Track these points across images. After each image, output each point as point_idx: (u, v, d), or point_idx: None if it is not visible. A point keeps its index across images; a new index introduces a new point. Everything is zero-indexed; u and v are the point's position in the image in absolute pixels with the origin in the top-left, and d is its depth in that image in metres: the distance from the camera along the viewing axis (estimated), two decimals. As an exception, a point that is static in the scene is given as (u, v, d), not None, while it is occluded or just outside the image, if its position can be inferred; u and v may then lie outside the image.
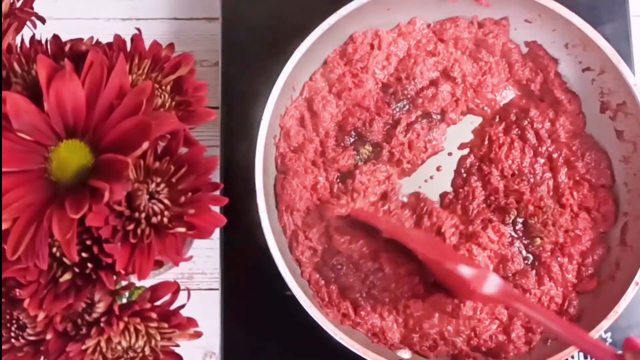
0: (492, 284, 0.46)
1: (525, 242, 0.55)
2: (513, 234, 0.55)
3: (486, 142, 0.57)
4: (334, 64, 0.57)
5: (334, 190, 0.56)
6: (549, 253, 0.55)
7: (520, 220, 0.55)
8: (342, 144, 0.57)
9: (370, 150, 0.57)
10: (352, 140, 0.57)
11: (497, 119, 0.58)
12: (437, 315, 0.53)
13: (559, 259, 0.54)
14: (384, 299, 0.54)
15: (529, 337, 0.53)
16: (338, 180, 0.56)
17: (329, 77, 0.57)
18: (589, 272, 0.55)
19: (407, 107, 0.57)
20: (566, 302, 0.54)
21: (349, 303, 0.54)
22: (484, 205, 0.56)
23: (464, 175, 0.57)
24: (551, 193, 0.56)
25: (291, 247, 0.56)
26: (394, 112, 0.57)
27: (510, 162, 0.56)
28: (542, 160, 0.56)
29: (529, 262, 0.55)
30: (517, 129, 0.57)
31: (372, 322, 0.53)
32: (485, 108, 0.58)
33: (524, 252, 0.55)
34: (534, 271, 0.55)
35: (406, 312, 0.53)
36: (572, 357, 0.55)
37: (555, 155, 0.56)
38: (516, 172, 0.56)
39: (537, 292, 0.54)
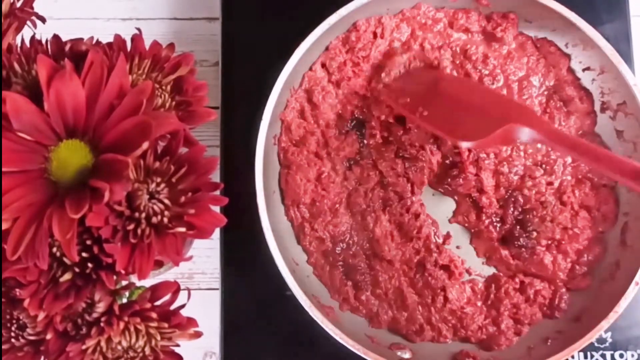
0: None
1: (517, 233, 0.55)
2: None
3: None
4: (335, 52, 0.57)
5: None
6: (544, 248, 0.55)
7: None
8: (343, 131, 0.57)
9: None
10: (352, 125, 0.57)
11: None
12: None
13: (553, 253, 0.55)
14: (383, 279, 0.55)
15: (517, 328, 0.54)
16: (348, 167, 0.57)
17: (330, 65, 0.57)
18: (583, 270, 0.55)
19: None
20: (557, 298, 0.54)
21: (351, 287, 0.55)
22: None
23: None
24: (553, 189, 0.56)
25: (299, 238, 0.57)
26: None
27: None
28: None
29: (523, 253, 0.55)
30: None
31: (369, 307, 0.55)
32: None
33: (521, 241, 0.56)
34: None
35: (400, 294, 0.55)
36: (572, 357, 0.55)
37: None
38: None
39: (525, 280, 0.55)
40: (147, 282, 0.36)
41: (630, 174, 0.38)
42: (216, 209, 0.35)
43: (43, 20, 0.41)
